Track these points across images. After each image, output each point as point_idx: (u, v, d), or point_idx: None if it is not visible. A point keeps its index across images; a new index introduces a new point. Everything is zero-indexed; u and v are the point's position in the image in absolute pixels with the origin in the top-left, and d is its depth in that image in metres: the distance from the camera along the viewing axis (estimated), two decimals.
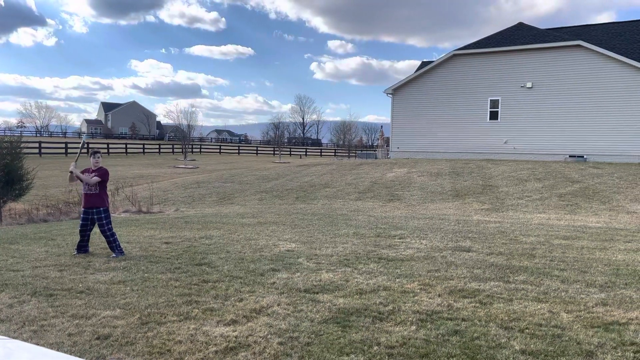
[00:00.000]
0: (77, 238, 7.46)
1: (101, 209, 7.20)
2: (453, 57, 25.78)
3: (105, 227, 7.15)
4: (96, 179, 7.14)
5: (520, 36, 24.43)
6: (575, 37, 23.62)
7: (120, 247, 7.23)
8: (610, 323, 4.34)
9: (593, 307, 4.78)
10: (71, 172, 7.21)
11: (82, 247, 7.33)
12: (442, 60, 26.12)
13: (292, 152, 64.83)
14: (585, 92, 22.52)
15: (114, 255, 7.07)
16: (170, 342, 3.99)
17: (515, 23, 26.04)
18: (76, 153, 8.53)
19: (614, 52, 21.99)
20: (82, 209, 7.34)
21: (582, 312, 4.62)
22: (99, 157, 7.34)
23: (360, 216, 11.79)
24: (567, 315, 4.54)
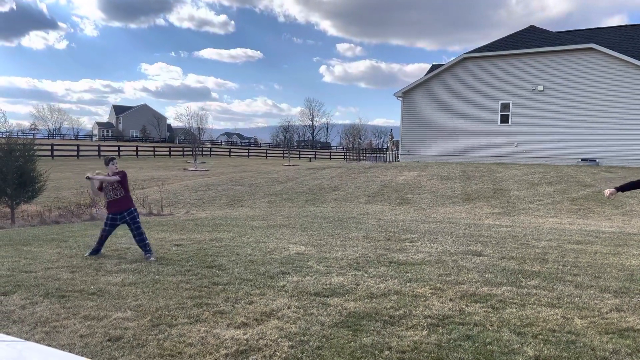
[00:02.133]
0: (89, 240, 7.49)
1: (132, 209, 7.25)
2: (464, 60, 25.68)
3: (140, 226, 7.17)
4: (115, 177, 7.14)
5: (531, 39, 24.28)
6: (587, 40, 23.43)
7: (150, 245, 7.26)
8: (625, 329, 4.28)
9: (607, 313, 4.72)
10: (88, 178, 7.18)
11: (98, 250, 7.34)
12: (452, 64, 26.03)
13: (301, 155, 64.90)
14: (598, 95, 22.32)
15: (151, 258, 6.97)
16: (181, 344, 3.99)
17: (527, 26, 25.90)
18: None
19: (627, 55, 21.77)
20: (109, 215, 7.24)
21: (596, 318, 4.56)
22: (116, 163, 7.36)
23: (370, 219, 11.75)
24: (581, 321, 4.49)
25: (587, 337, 4.12)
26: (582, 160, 22.42)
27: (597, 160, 22.13)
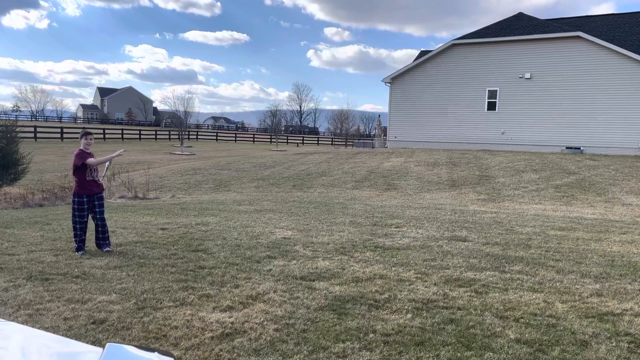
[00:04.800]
0: (72, 223, 7.16)
1: (102, 193, 6.72)
2: (452, 46, 25.65)
3: (104, 210, 6.63)
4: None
5: (519, 26, 24.31)
6: (574, 28, 23.52)
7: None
8: (604, 313, 4.37)
9: (588, 297, 4.81)
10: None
11: (84, 241, 6.54)
12: (440, 50, 26.00)
13: (289, 141, 64.67)
14: (584, 83, 22.49)
15: (108, 249, 6.52)
16: (166, 327, 3.99)
17: (515, 13, 25.91)
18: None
19: (613, 44, 21.92)
20: (85, 195, 6.43)
21: (577, 303, 4.65)
22: (92, 139, 6.61)
23: (357, 205, 11.79)
24: (562, 305, 4.57)
25: (568, 320, 4.20)
26: (566, 148, 22.66)
27: (581, 148, 22.38)
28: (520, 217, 10.05)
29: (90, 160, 6.41)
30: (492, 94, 24.59)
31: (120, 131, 50.22)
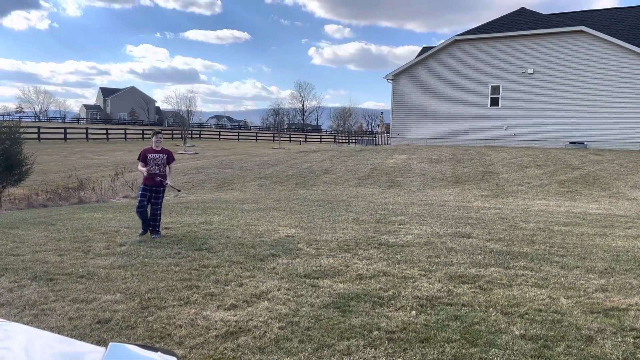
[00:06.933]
0: (77, 223, 7.42)
1: (160, 187, 7.55)
2: (454, 42, 25.57)
3: (158, 202, 7.47)
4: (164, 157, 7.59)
5: (522, 21, 24.21)
6: (577, 23, 23.40)
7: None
8: (610, 309, 4.35)
9: (593, 293, 4.79)
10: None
11: (144, 225, 7.49)
12: (443, 46, 25.92)
13: (291, 139, 64.65)
14: (587, 78, 22.38)
15: (155, 236, 7.30)
16: (171, 326, 3.99)
17: (517, 8, 25.78)
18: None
19: (617, 38, 21.80)
20: (142, 184, 7.47)
21: (582, 298, 4.63)
22: (161, 138, 7.68)
23: (360, 202, 11.78)
24: (566, 301, 4.55)
25: (573, 316, 4.19)
26: (570, 143, 22.57)
27: (585, 143, 22.29)
28: (524, 212, 10.02)
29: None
30: (495, 90, 24.50)
31: (123, 131, 50.33)
